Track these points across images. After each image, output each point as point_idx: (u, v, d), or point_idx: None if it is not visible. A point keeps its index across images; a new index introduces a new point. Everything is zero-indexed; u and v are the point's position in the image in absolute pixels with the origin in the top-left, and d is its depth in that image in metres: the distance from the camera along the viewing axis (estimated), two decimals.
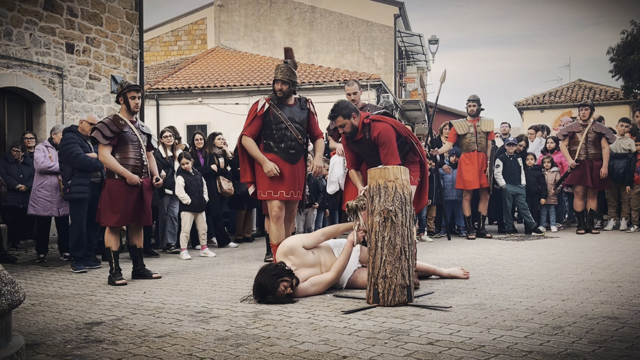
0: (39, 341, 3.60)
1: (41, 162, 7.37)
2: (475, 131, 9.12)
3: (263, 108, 6.02)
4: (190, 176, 8.05)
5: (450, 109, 29.52)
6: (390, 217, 4.36)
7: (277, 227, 5.94)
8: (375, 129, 5.23)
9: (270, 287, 4.49)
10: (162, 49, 26.79)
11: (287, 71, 6.05)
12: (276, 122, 6.03)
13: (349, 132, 5.28)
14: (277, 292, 4.50)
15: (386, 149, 5.17)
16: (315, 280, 4.81)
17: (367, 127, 5.28)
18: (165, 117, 19.81)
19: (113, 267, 5.86)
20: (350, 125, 5.24)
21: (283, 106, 6.08)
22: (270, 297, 4.50)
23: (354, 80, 7.18)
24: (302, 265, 4.81)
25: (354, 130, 5.27)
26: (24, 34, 9.54)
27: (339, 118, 5.21)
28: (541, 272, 5.65)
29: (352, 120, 5.22)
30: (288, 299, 4.56)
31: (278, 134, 6.03)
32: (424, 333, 3.52)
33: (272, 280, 4.51)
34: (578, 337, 3.32)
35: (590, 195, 9.43)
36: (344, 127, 5.24)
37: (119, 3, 11.54)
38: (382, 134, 5.19)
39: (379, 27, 24.24)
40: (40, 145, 7.64)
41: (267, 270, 4.61)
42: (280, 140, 6.04)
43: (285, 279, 4.56)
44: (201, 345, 3.41)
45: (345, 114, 5.20)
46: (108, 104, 11.16)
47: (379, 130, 5.21)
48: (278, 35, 25.08)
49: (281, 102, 6.08)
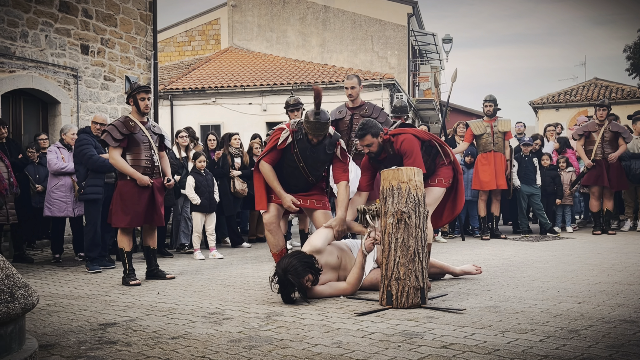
0: (54, 342, 3.63)
1: (54, 164, 7.42)
2: (492, 131, 9.06)
3: (285, 142, 5.21)
4: (201, 176, 8.07)
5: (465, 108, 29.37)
6: (404, 219, 4.34)
7: (273, 235, 5.41)
8: (398, 141, 5.13)
9: (297, 272, 4.49)
10: (176, 50, 26.91)
11: (322, 129, 5.09)
12: (289, 159, 5.29)
13: (375, 152, 5.14)
14: (301, 280, 4.50)
15: (411, 159, 5.02)
16: (333, 286, 4.81)
17: (389, 143, 5.16)
18: (179, 117, 19.89)
19: (127, 268, 5.89)
20: (377, 145, 5.11)
21: (306, 144, 5.20)
22: (292, 279, 4.46)
23: (354, 74, 7.02)
24: (325, 266, 4.79)
25: (379, 150, 5.14)
26: (39, 35, 9.62)
27: (368, 137, 5.05)
28: (556, 274, 5.59)
29: (379, 139, 5.10)
30: (303, 293, 4.56)
31: (287, 170, 5.36)
32: (438, 336, 3.50)
33: (301, 267, 4.51)
34: (594, 341, 3.28)
35: (607, 195, 9.33)
36: (371, 146, 5.09)
37: (133, 4, 11.60)
38: (405, 144, 5.07)
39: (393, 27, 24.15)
40: (52, 147, 7.68)
41: (300, 256, 4.60)
42: (287, 175, 5.38)
43: (312, 273, 4.58)
44: (214, 347, 3.41)
45: (374, 132, 5.06)
46: (122, 104, 11.22)
47: (401, 142, 5.10)
48: (291, 35, 25.09)
49: (306, 140, 5.21)
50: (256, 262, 7.29)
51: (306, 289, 4.58)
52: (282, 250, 5.46)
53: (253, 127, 17.38)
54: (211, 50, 26.24)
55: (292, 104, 7.40)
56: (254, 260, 7.48)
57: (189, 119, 18.88)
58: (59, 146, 7.64)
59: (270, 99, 19.63)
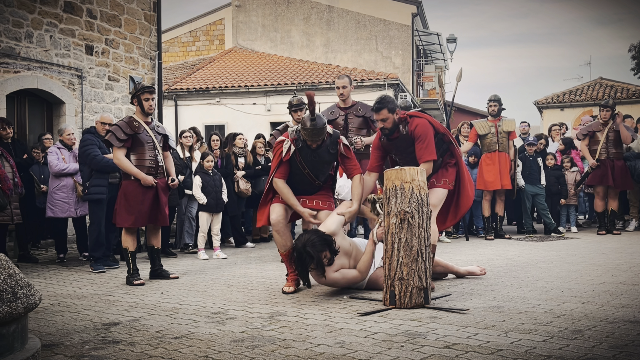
0: (57, 342, 3.64)
1: (55, 166, 7.42)
2: (496, 131, 9.05)
3: (289, 153, 5.18)
4: (208, 176, 8.07)
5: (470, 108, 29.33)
6: (407, 219, 4.33)
7: (280, 235, 5.29)
8: (413, 123, 5.11)
9: (315, 246, 4.63)
10: (181, 50, 26.95)
11: (319, 134, 5.06)
12: (295, 167, 5.27)
13: (389, 129, 5.11)
14: (319, 254, 4.63)
15: (422, 143, 5.01)
16: (345, 275, 4.86)
17: (404, 123, 5.14)
18: (184, 117, 19.92)
19: (130, 268, 5.90)
20: (392, 121, 5.08)
21: (307, 150, 5.18)
22: (310, 251, 4.61)
23: (345, 74, 7.00)
24: (339, 248, 4.86)
25: (394, 127, 5.12)
26: (44, 36, 9.65)
27: (384, 111, 5.03)
28: (561, 274, 5.58)
29: (395, 116, 5.08)
30: (321, 267, 4.68)
31: (294, 177, 5.32)
32: (441, 336, 3.49)
33: (320, 242, 4.66)
34: (598, 342, 3.26)
35: (612, 195, 9.29)
36: (386, 121, 5.06)
37: (138, 4, 11.62)
38: (420, 128, 5.06)
39: (397, 26, 24.13)
40: (52, 148, 7.67)
41: (319, 233, 4.75)
42: (295, 182, 5.33)
43: (330, 250, 4.70)
44: (217, 347, 3.42)
45: (391, 108, 5.05)
46: (127, 104, 11.24)
47: (416, 124, 5.08)
48: (295, 35, 25.10)
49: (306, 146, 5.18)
50: (260, 262, 7.30)
51: (323, 265, 4.68)
52: (289, 250, 5.43)
53: (257, 127, 17.40)
54: (215, 50, 26.27)
55: (295, 104, 7.40)
56: (257, 260, 7.48)
57: (193, 119, 18.91)
58: (60, 147, 7.65)
59: (274, 99, 19.64)
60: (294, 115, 7.38)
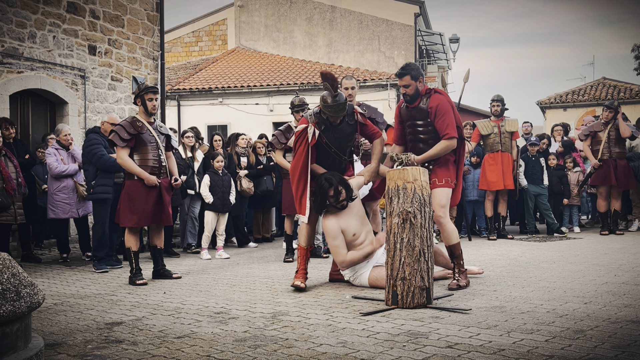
0: (60, 341, 3.65)
1: (55, 168, 7.43)
2: (499, 131, 9.04)
3: (314, 137, 5.26)
4: (217, 176, 8.07)
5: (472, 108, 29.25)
6: (409, 219, 4.33)
7: (311, 229, 5.42)
8: (435, 99, 5.14)
9: (336, 178, 5.14)
10: (183, 50, 26.98)
11: (343, 109, 5.19)
12: (321, 149, 5.39)
13: (410, 96, 5.16)
14: (338, 185, 5.09)
15: (445, 120, 5.06)
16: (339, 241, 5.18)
17: (427, 96, 5.18)
18: (186, 117, 19.95)
19: (133, 267, 5.91)
20: (415, 89, 5.13)
21: (330, 129, 5.32)
22: (331, 178, 5.13)
23: (351, 75, 7.06)
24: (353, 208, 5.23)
25: (415, 95, 5.16)
26: (47, 36, 9.67)
27: (407, 77, 5.09)
28: (563, 274, 5.57)
29: (417, 83, 5.14)
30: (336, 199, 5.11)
31: (321, 159, 5.46)
32: (443, 336, 3.49)
33: (342, 181, 5.15)
34: (600, 342, 3.26)
35: (614, 195, 9.28)
36: (408, 87, 5.12)
37: (140, 5, 11.64)
38: (442, 105, 5.10)
39: (399, 26, 24.11)
40: (50, 149, 7.66)
41: (344, 178, 5.23)
42: (323, 163, 5.47)
43: (346, 192, 5.13)
44: (219, 347, 3.42)
45: (414, 75, 5.11)
46: (130, 105, 11.26)
47: (438, 101, 5.12)
48: (298, 35, 25.10)
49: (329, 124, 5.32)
50: (262, 261, 7.30)
51: (338, 196, 5.10)
52: (311, 246, 5.50)
53: (260, 127, 17.41)
54: (218, 50, 26.29)
55: (297, 105, 7.40)
56: (260, 260, 7.49)
57: (196, 120, 18.93)
58: (57, 147, 7.66)
59: (277, 99, 19.65)
60: (296, 115, 7.39)
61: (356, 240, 5.24)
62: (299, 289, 5.13)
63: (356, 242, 5.24)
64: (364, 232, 5.28)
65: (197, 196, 8.42)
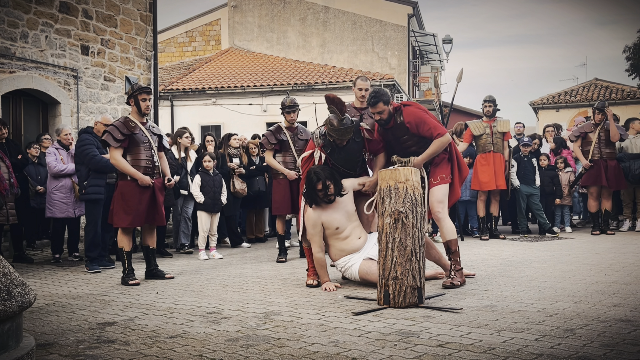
0: (52, 341, 3.65)
1: (54, 167, 7.43)
2: (491, 132, 9.08)
3: (321, 161, 5.49)
4: (208, 176, 8.07)
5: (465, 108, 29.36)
6: (401, 219, 4.36)
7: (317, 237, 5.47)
8: (408, 113, 5.26)
9: (325, 171, 5.21)
10: (177, 50, 26.94)
11: (349, 132, 5.29)
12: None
13: (385, 119, 5.28)
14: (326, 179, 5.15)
15: (427, 125, 5.18)
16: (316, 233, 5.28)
17: (399, 112, 5.30)
18: (180, 117, 19.92)
19: (126, 268, 5.91)
20: (388, 112, 5.26)
21: (336, 150, 5.42)
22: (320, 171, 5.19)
23: (366, 77, 7.05)
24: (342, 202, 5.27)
25: (389, 117, 5.28)
26: (39, 36, 9.65)
27: (380, 104, 5.21)
28: (554, 274, 5.61)
29: (390, 107, 5.27)
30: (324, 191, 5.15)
31: None
32: (434, 335, 3.52)
33: (330, 172, 5.23)
34: (589, 340, 3.29)
35: (605, 195, 9.34)
36: (382, 113, 5.25)
37: (133, 5, 11.62)
38: (417, 115, 5.23)
39: (393, 27, 24.17)
40: (50, 149, 7.68)
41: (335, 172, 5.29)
42: None
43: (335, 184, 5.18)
44: (211, 346, 3.44)
45: (385, 100, 5.25)
46: (122, 105, 11.24)
47: (412, 114, 5.25)
48: (292, 36, 25.12)
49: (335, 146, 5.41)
50: (255, 262, 7.31)
51: (326, 190, 5.14)
52: None
53: (253, 128, 17.40)
54: (212, 50, 26.27)
55: (288, 105, 7.40)
56: (253, 260, 7.50)
57: (190, 120, 18.91)
58: (58, 147, 7.66)
59: (270, 99, 19.65)
60: (286, 116, 7.39)
61: (340, 234, 5.29)
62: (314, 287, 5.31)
63: (340, 235, 5.29)
64: (350, 227, 5.31)
65: (190, 196, 8.42)
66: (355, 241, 5.31)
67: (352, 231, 5.33)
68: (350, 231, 5.32)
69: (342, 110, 5.25)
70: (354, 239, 5.31)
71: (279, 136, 7.31)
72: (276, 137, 7.31)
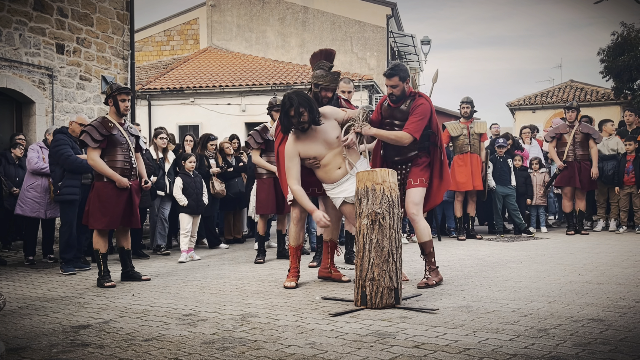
0: (25, 345, 3.59)
1: (34, 163, 7.34)
2: (468, 133, 9.17)
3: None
4: (189, 178, 7.99)
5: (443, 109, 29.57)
6: (378, 220, 4.37)
7: (300, 229, 5.54)
8: (419, 102, 5.23)
9: (300, 96, 4.96)
10: (155, 49, 26.69)
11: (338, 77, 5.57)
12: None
13: (397, 96, 5.25)
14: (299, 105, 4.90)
15: (417, 118, 5.13)
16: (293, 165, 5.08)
17: (411, 98, 5.27)
18: (157, 117, 19.74)
19: (102, 269, 5.84)
20: (401, 90, 5.23)
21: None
22: (294, 96, 4.96)
23: (349, 78, 7.04)
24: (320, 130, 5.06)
25: (400, 96, 5.26)
26: (13, 34, 9.49)
27: (396, 78, 5.19)
28: (529, 274, 5.68)
29: (405, 85, 5.24)
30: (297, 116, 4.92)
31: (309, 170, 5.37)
32: (410, 336, 3.54)
33: (306, 97, 4.99)
34: (562, 340, 3.34)
35: (579, 196, 9.48)
36: (395, 87, 5.22)
37: (110, 3, 11.49)
38: (423, 107, 5.19)
39: (372, 28, 24.25)
40: (34, 145, 7.62)
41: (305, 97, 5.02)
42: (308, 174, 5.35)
43: (309, 110, 4.93)
44: (187, 349, 3.41)
45: (402, 76, 5.21)
46: (99, 104, 11.11)
47: (421, 103, 5.21)
48: (270, 36, 25.05)
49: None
50: (233, 263, 7.28)
51: (299, 117, 4.91)
52: (300, 244, 5.55)
53: (232, 128, 17.32)
54: (190, 50, 26.08)
55: (276, 105, 7.38)
56: (231, 261, 7.46)
57: (167, 119, 18.75)
58: (42, 146, 7.57)
59: (249, 99, 19.58)
60: (273, 114, 7.38)
61: (316, 163, 5.11)
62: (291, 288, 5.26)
63: (319, 164, 5.12)
64: (329, 155, 5.08)
65: (168, 197, 8.35)
66: (334, 172, 5.09)
67: (332, 160, 5.09)
68: (330, 160, 5.09)
69: (332, 60, 5.51)
70: (334, 168, 5.10)
71: (265, 136, 7.29)
72: (262, 136, 7.30)
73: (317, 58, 5.62)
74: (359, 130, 5.06)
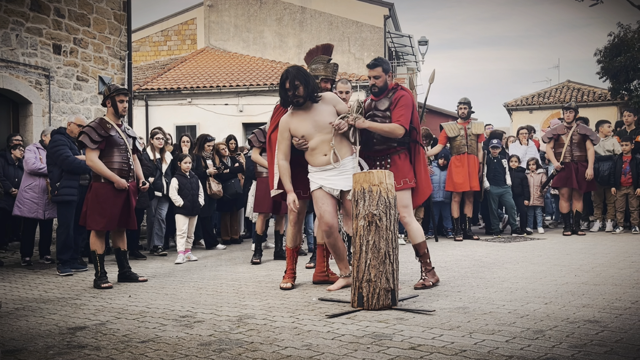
0: (21, 347, 3.59)
1: (32, 163, 7.34)
2: (465, 134, 9.18)
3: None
4: (185, 179, 7.99)
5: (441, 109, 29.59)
6: (375, 221, 4.37)
7: (298, 230, 5.53)
8: (401, 93, 5.27)
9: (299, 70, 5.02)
10: (152, 49, 26.66)
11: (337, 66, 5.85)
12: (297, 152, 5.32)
13: (379, 88, 5.30)
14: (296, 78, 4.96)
15: (404, 113, 5.15)
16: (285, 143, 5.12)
17: (393, 91, 5.31)
18: (154, 117, 19.72)
19: (98, 270, 5.84)
20: (384, 81, 5.29)
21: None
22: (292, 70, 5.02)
23: (347, 79, 7.07)
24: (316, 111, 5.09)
25: (383, 88, 5.31)
26: (10, 34, 9.47)
27: (379, 68, 5.26)
28: (526, 275, 5.69)
29: (387, 77, 5.30)
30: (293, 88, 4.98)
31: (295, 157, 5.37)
32: (407, 337, 3.54)
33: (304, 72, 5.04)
34: (558, 342, 3.35)
35: (576, 196, 9.50)
36: (378, 78, 5.27)
37: (107, 4, 11.47)
38: (405, 99, 5.22)
39: (369, 28, 24.25)
40: (31, 146, 7.62)
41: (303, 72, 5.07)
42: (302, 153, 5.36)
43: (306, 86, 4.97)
44: (184, 351, 3.41)
45: (385, 68, 5.29)
46: (96, 105, 11.10)
47: (403, 95, 5.25)
48: (268, 36, 25.04)
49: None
50: (230, 263, 7.28)
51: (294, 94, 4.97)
52: (297, 246, 5.54)
53: (229, 128, 17.31)
54: (187, 50, 26.06)
55: None
56: (228, 262, 7.46)
57: (164, 120, 18.74)
58: (38, 146, 7.57)
59: (246, 99, 19.57)
60: None
61: (304, 144, 5.07)
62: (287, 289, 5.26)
63: (306, 145, 5.07)
64: (317, 138, 5.06)
65: (165, 198, 8.34)
66: (319, 157, 5.08)
67: (319, 145, 5.07)
68: (317, 144, 5.07)
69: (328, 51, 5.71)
70: (319, 154, 5.08)
71: None
72: (265, 135, 7.30)
73: (314, 54, 5.68)
74: (352, 122, 5.08)
